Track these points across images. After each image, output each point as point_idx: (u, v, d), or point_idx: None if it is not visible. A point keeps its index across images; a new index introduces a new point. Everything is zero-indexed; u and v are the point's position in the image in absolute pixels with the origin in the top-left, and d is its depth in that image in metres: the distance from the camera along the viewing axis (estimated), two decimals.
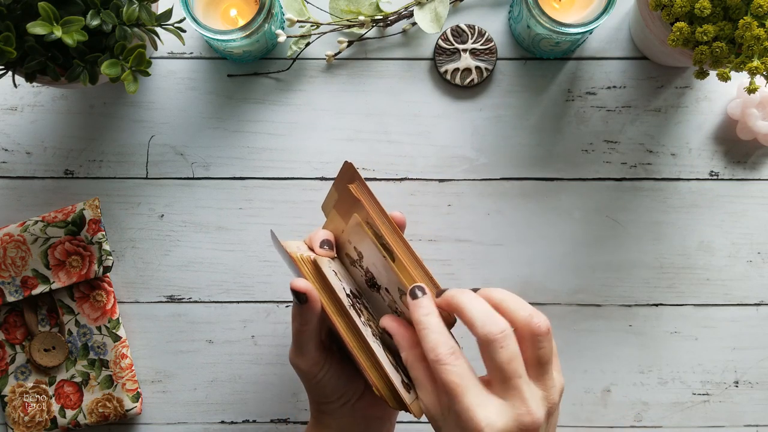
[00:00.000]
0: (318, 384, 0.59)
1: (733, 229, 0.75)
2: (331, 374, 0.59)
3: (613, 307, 0.75)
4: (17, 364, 0.74)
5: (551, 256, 0.75)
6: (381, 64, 0.75)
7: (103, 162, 0.75)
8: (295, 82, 0.75)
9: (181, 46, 0.75)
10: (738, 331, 0.76)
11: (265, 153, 0.75)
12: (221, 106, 0.75)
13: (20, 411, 0.73)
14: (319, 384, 0.59)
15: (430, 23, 0.72)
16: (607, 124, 0.75)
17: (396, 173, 0.75)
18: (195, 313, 0.75)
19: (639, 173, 0.75)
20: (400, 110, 0.75)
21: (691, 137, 0.75)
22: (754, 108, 0.73)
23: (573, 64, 0.75)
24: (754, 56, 0.58)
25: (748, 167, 0.75)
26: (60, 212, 0.73)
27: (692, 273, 0.75)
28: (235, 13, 0.72)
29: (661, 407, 0.76)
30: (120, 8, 0.61)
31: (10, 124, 0.75)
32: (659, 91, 0.75)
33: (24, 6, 0.59)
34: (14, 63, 0.62)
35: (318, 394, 0.60)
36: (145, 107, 0.75)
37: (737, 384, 0.76)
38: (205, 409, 0.76)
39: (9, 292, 0.72)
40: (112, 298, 0.74)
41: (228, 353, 0.76)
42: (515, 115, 0.75)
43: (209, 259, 0.75)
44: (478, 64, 0.74)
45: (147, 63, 0.62)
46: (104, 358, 0.74)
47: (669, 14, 0.61)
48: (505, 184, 0.75)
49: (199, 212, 0.75)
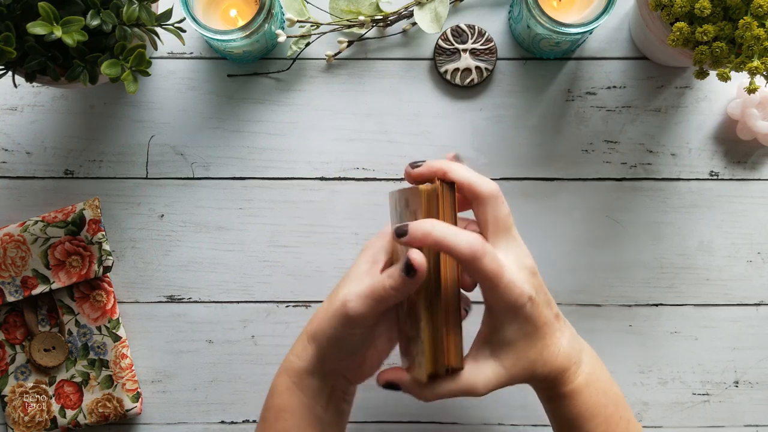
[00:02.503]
0: (350, 336, 0.57)
1: (733, 229, 0.75)
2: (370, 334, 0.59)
3: (613, 307, 0.75)
4: (17, 364, 0.74)
5: (551, 256, 0.75)
6: (381, 64, 0.75)
7: (103, 162, 0.75)
8: (295, 82, 0.75)
9: (181, 46, 0.75)
10: (738, 331, 0.76)
11: (265, 153, 0.75)
12: (221, 106, 0.75)
13: (20, 411, 0.73)
14: (351, 336, 0.57)
15: (430, 23, 0.72)
16: (607, 124, 0.75)
17: (396, 173, 0.75)
18: (195, 313, 0.75)
19: (639, 173, 0.75)
20: (400, 110, 0.75)
21: (691, 137, 0.75)
22: (754, 108, 0.73)
23: (573, 64, 0.75)
24: (754, 56, 0.58)
25: (748, 167, 0.75)
26: (60, 212, 0.73)
27: (692, 273, 0.75)
28: (235, 13, 0.72)
29: (661, 407, 0.76)
30: (120, 8, 0.61)
31: (10, 124, 0.75)
32: (659, 91, 0.75)
33: (24, 6, 0.59)
34: (14, 63, 0.62)
35: (338, 348, 0.58)
36: (145, 107, 0.75)
37: (737, 384, 0.76)
38: (205, 409, 0.76)
39: (9, 292, 0.72)
40: (112, 298, 0.74)
41: (228, 353, 0.76)
42: (515, 115, 0.75)
43: (209, 259, 0.75)
44: (478, 64, 0.74)
45: (147, 63, 0.62)
46: (104, 358, 0.74)
47: (669, 14, 0.61)
48: (505, 184, 0.75)
49: (199, 212, 0.75)
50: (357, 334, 0.58)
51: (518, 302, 0.55)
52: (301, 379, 0.59)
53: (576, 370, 0.58)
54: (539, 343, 0.57)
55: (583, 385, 0.58)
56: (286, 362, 0.61)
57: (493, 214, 0.57)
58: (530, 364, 0.57)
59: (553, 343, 0.58)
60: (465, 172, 0.57)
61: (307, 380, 0.59)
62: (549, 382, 0.59)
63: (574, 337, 0.60)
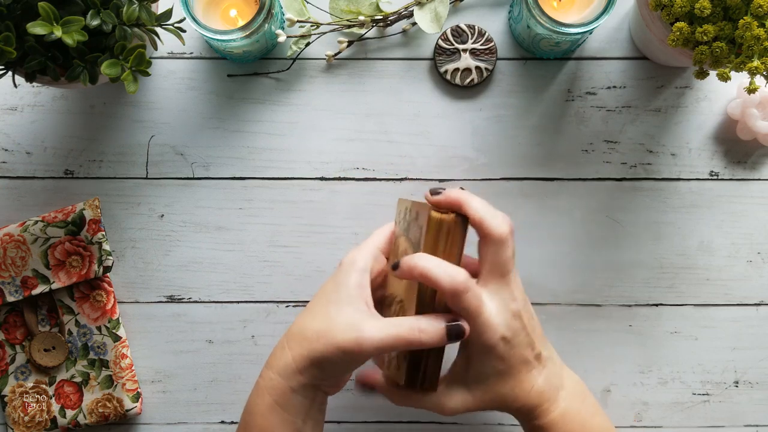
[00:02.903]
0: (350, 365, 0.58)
1: (733, 229, 0.75)
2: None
3: (613, 307, 0.75)
4: (17, 364, 0.74)
5: (551, 256, 0.75)
6: (381, 64, 0.75)
7: (103, 162, 0.75)
8: (295, 82, 0.75)
9: (181, 46, 0.75)
10: (738, 331, 0.76)
11: (265, 153, 0.75)
12: (221, 106, 0.75)
13: (20, 411, 0.73)
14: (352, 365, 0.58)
15: (430, 23, 0.72)
16: (607, 124, 0.75)
17: (396, 173, 0.75)
18: (195, 313, 0.75)
19: (639, 173, 0.75)
20: (400, 110, 0.75)
21: (691, 137, 0.75)
22: (754, 108, 0.73)
23: (573, 64, 0.75)
24: (754, 56, 0.58)
25: (748, 167, 0.75)
26: (60, 212, 0.73)
27: (692, 273, 0.75)
28: (235, 13, 0.72)
29: (661, 407, 0.76)
30: (120, 8, 0.61)
31: (10, 124, 0.75)
32: (659, 91, 0.75)
33: (24, 6, 0.59)
34: (14, 63, 0.62)
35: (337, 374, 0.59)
36: (145, 107, 0.75)
37: (737, 384, 0.76)
38: (205, 409, 0.76)
39: (9, 292, 0.72)
40: (112, 298, 0.74)
41: (228, 353, 0.76)
42: (515, 115, 0.75)
43: (209, 259, 0.75)
44: (478, 64, 0.74)
45: (147, 63, 0.62)
46: (104, 358, 0.74)
47: (669, 14, 0.60)
48: (505, 184, 0.75)
49: (199, 212, 0.75)
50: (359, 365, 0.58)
51: (491, 341, 0.58)
52: (286, 399, 0.58)
53: (549, 406, 0.61)
54: (511, 380, 0.60)
55: (558, 419, 0.60)
56: (267, 381, 0.59)
57: (494, 256, 0.59)
58: (499, 397, 0.60)
59: (526, 380, 0.60)
60: (480, 209, 0.58)
61: (292, 398, 0.58)
62: (522, 415, 0.61)
63: (554, 375, 0.61)
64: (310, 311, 0.60)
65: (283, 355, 0.59)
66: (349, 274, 0.60)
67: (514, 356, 0.59)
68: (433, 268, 0.55)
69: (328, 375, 0.58)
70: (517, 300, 0.59)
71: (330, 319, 0.57)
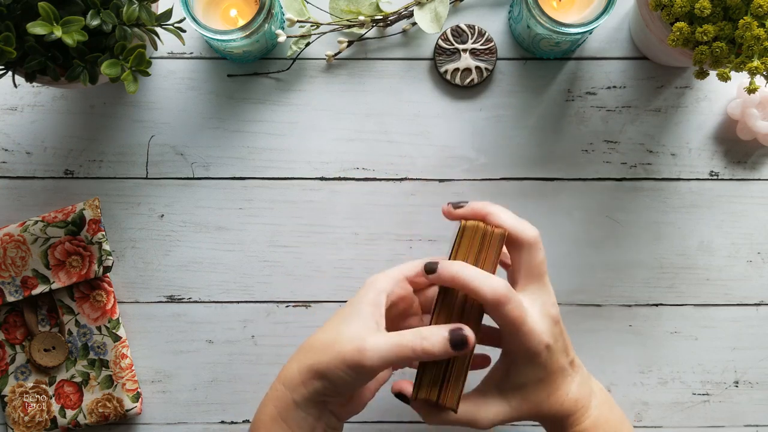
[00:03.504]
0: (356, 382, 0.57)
1: (733, 229, 0.75)
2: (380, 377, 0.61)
3: (613, 307, 0.75)
4: (17, 364, 0.74)
5: (551, 256, 0.75)
6: (381, 64, 0.75)
7: (103, 162, 0.75)
8: (295, 82, 0.75)
9: (181, 46, 0.75)
10: (738, 331, 0.76)
11: (265, 153, 0.75)
12: (221, 106, 0.75)
13: (20, 411, 0.73)
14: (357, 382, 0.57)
15: (430, 23, 0.72)
16: (607, 124, 0.75)
17: (396, 173, 0.75)
18: (195, 313, 0.75)
19: (639, 173, 0.75)
20: (400, 110, 0.75)
21: (691, 137, 0.75)
22: (754, 108, 0.73)
23: (573, 64, 0.75)
24: (754, 56, 0.58)
25: (748, 167, 0.75)
26: (60, 212, 0.73)
27: (692, 273, 0.75)
28: (235, 13, 0.72)
29: (661, 407, 0.76)
30: (120, 8, 0.61)
31: (10, 124, 0.75)
32: (659, 91, 0.75)
33: (24, 6, 0.59)
34: (14, 63, 0.62)
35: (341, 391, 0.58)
36: (145, 107, 0.75)
37: (737, 384, 0.76)
38: (205, 409, 0.76)
39: (9, 292, 0.72)
40: (112, 298, 0.74)
41: (228, 353, 0.76)
42: (515, 115, 0.75)
43: (209, 259, 0.75)
44: (478, 64, 0.74)
45: (147, 63, 0.62)
46: (104, 358, 0.74)
47: (669, 14, 0.61)
48: (505, 184, 0.75)
49: (199, 212, 0.75)
50: (363, 380, 0.57)
51: (536, 349, 0.57)
52: (288, 412, 0.58)
53: (583, 414, 0.60)
54: (548, 387, 0.59)
55: (590, 428, 0.60)
56: (273, 391, 0.59)
57: (528, 260, 0.59)
58: (536, 406, 0.59)
59: (562, 388, 0.59)
60: (509, 219, 0.59)
61: (294, 412, 0.58)
62: (555, 423, 0.61)
63: (584, 382, 0.61)
64: (324, 326, 0.60)
65: (290, 366, 0.59)
66: (366, 293, 0.60)
67: (554, 363, 0.59)
68: (476, 278, 0.55)
69: (332, 389, 0.57)
70: (555, 304, 0.59)
71: (338, 333, 0.57)
